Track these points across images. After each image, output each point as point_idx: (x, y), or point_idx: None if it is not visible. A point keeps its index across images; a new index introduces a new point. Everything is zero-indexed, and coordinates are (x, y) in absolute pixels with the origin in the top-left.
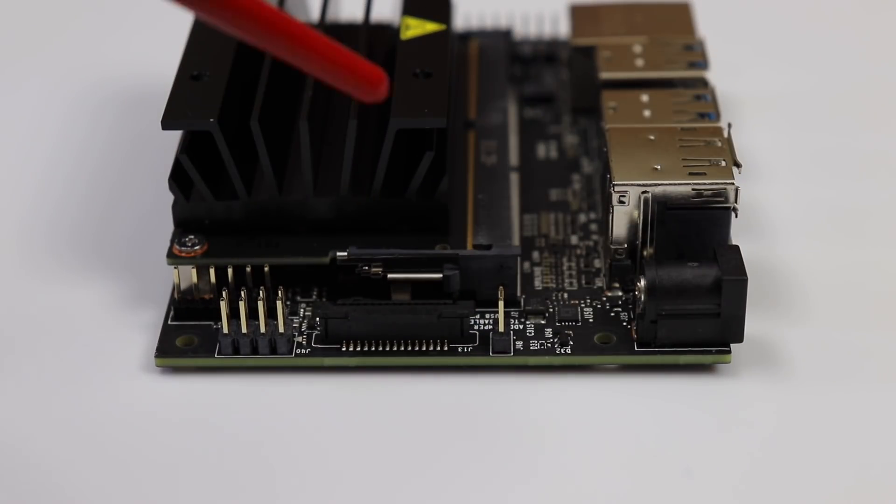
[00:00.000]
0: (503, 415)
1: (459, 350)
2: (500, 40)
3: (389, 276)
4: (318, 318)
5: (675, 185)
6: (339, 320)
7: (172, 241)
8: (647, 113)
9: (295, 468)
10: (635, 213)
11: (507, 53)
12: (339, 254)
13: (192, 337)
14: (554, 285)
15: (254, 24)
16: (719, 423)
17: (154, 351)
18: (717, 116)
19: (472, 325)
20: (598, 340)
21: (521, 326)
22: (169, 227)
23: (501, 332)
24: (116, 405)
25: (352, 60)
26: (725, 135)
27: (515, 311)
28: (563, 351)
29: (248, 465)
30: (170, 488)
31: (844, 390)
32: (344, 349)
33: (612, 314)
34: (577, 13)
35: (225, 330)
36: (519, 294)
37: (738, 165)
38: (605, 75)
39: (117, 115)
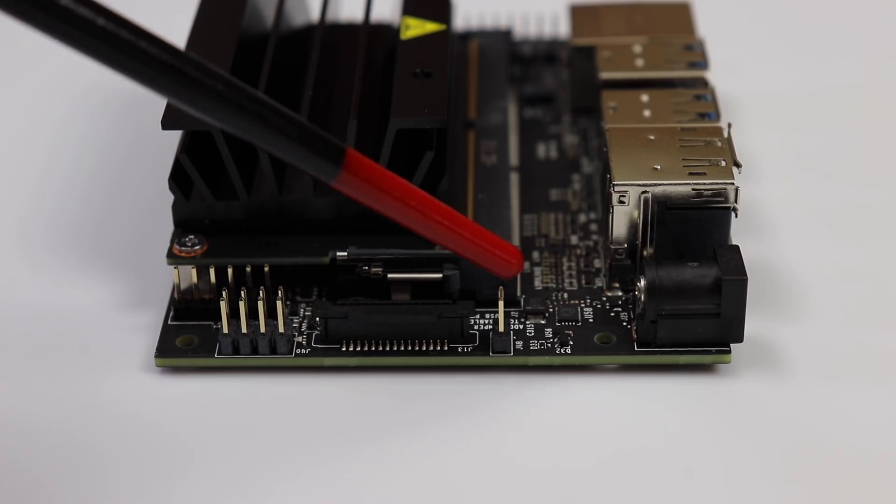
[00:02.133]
0: (503, 415)
1: (459, 350)
2: (500, 40)
3: (389, 276)
4: (318, 318)
5: (675, 185)
6: (339, 320)
7: (172, 241)
8: (647, 113)
9: (295, 468)
10: (635, 213)
11: (507, 53)
12: (339, 254)
13: (192, 337)
14: (554, 285)
15: (416, 215)
16: (719, 423)
17: (154, 351)
18: (717, 116)
19: (472, 325)
20: (598, 340)
21: (521, 326)
22: (169, 227)
23: (501, 332)
24: (116, 405)
25: (494, 241)
26: (725, 135)
27: (515, 311)
28: (563, 351)
29: (248, 464)
30: (170, 488)
31: (844, 390)
32: (344, 349)
33: (612, 314)
34: (577, 13)
35: (225, 330)
36: (519, 294)
37: (738, 165)
38: (605, 75)
39: (117, 115)
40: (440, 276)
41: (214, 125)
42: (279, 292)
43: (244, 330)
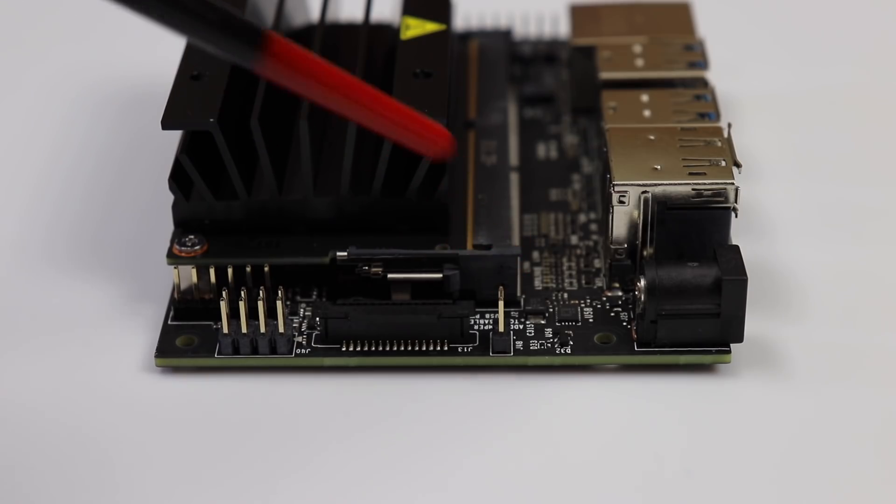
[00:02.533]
0: (503, 415)
1: (459, 350)
2: (500, 40)
3: (389, 276)
4: (318, 318)
5: (675, 185)
6: (339, 320)
7: (172, 241)
8: (647, 113)
9: (295, 468)
10: (635, 213)
11: (507, 53)
12: (339, 254)
13: (192, 337)
14: (554, 285)
15: (331, 92)
16: (719, 423)
17: (154, 351)
18: (717, 116)
19: (472, 325)
20: (598, 340)
21: (521, 326)
22: (169, 227)
23: (501, 332)
24: (116, 405)
25: (417, 120)
26: (725, 135)
27: (515, 311)
28: (563, 351)
29: (247, 464)
30: (170, 488)
31: (844, 390)
32: (344, 349)
33: (612, 314)
34: (577, 13)
35: (225, 330)
36: (519, 294)
37: (738, 165)
38: (605, 75)
39: (117, 115)
40: (440, 276)
41: (141, 15)
42: (279, 292)
43: (244, 330)
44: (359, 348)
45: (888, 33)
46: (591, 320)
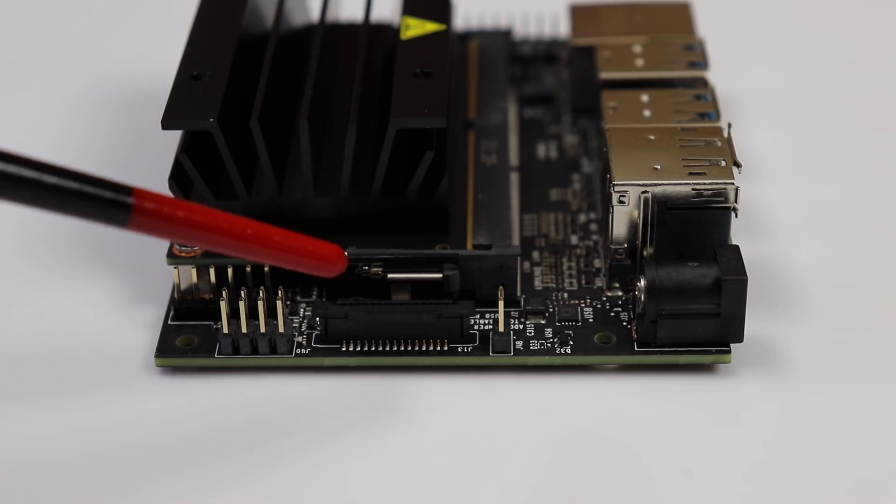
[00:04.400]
0: (502, 415)
1: (459, 350)
2: (500, 40)
3: (389, 276)
4: (318, 318)
5: (675, 185)
6: (339, 320)
7: (172, 241)
8: (647, 113)
9: (295, 468)
10: (635, 213)
11: (507, 53)
12: None
13: (192, 337)
14: (554, 285)
15: (215, 237)
16: (719, 423)
17: (154, 351)
18: (717, 116)
19: (472, 325)
20: (598, 340)
21: (521, 326)
22: None
23: (501, 332)
24: (116, 405)
25: (309, 245)
26: (725, 135)
27: (515, 311)
28: (563, 351)
29: (247, 465)
30: (169, 488)
31: (844, 390)
32: (344, 349)
33: (612, 314)
34: (577, 13)
35: (225, 330)
36: (519, 294)
37: (738, 165)
38: (605, 75)
39: (117, 115)
40: (440, 276)
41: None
42: (279, 292)
43: (244, 330)
44: (359, 348)
45: (888, 33)
46: (591, 320)
